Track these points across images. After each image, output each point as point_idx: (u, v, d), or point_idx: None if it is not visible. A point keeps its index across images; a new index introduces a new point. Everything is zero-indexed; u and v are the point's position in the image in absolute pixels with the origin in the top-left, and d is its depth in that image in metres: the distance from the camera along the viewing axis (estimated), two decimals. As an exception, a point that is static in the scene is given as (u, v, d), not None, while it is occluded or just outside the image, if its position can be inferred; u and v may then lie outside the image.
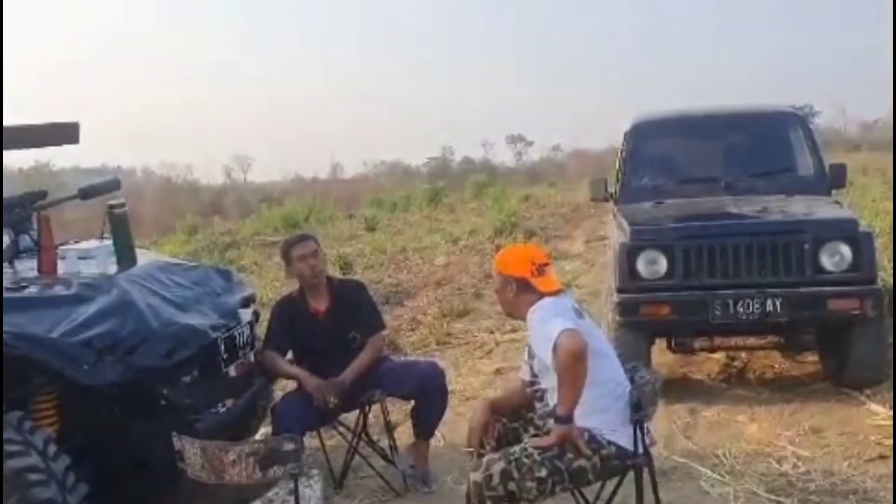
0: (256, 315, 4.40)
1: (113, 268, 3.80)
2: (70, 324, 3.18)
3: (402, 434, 4.46)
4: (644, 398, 2.97)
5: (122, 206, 3.96)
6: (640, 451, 2.94)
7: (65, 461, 2.96)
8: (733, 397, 5.31)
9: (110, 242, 3.95)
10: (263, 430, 4.35)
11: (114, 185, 4.29)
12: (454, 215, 21.20)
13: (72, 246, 4.08)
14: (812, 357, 5.82)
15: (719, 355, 5.93)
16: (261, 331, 4.35)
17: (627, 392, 2.98)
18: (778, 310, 4.98)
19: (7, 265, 3.79)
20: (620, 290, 5.22)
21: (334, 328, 4.17)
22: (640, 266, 5.17)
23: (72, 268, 3.75)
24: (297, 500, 2.78)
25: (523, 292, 3.06)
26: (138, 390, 3.26)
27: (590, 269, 10.72)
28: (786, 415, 4.91)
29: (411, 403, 4.21)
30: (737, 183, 6.00)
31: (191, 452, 2.77)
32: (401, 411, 4.73)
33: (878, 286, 5.01)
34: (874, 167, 21.39)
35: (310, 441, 4.34)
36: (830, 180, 6.04)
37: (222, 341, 3.74)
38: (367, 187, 35.26)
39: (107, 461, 3.18)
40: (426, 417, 4.14)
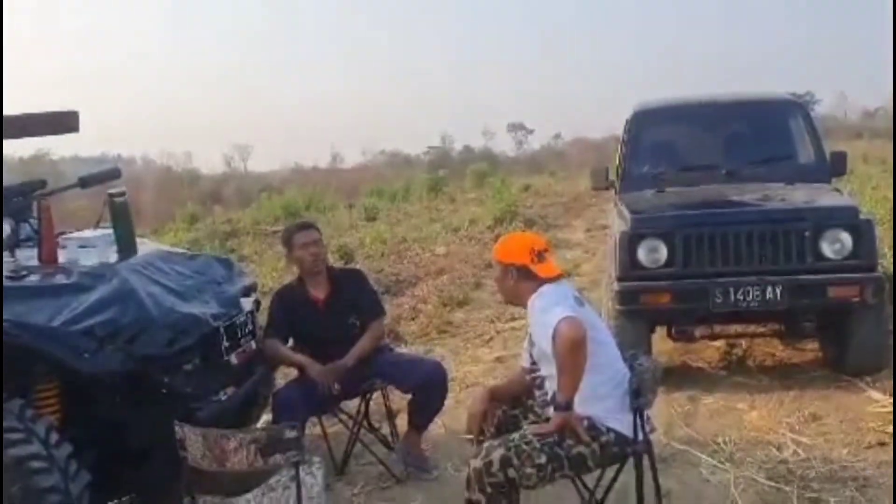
0: (257, 304, 4.41)
1: (113, 256, 3.79)
2: (71, 312, 3.18)
3: (404, 422, 4.46)
4: (644, 385, 2.97)
5: (122, 194, 3.95)
6: (640, 438, 2.95)
7: (67, 449, 2.97)
8: (733, 385, 5.32)
9: (111, 231, 3.95)
10: (265, 418, 4.36)
11: (114, 173, 4.29)
12: (454, 205, 21.18)
13: (72, 235, 4.08)
14: (812, 344, 5.83)
15: (719, 343, 5.94)
16: (261, 319, 4.36)
17: (627, 379, 2.98)
18: (778, 297, 4.98)
19: (7, 254, 3.78)
20: (621, 279, 5.22)
21: (334, 316, 4.18)
22: (641, 254, 5.17)
23: (72, 256, 3.74)
24: (299, 487, 2.78)
25: (524, 279, 3.06)
26: (139, 378, 3.26)
27: (590, 258, 10.72)
28: (786, 402, 4.92)
29: (410, 394, 4.22)
30: (737, 171, 6.00)
31: (192, 440, 2.78)
32: (402, 399, 4.73)
33: (878, 273, 5.02)
34: (875, 155, 21.38)
35: (311, 428, 4.36)
36: (831, 168, 6.04)
37: (223, 330, 3.74)
38: (367, 177, 35.20)
39: (108, 449, 3.19)
40: (423, 412, 4.16)
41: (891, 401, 4.66)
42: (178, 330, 3.42)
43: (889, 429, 4.29)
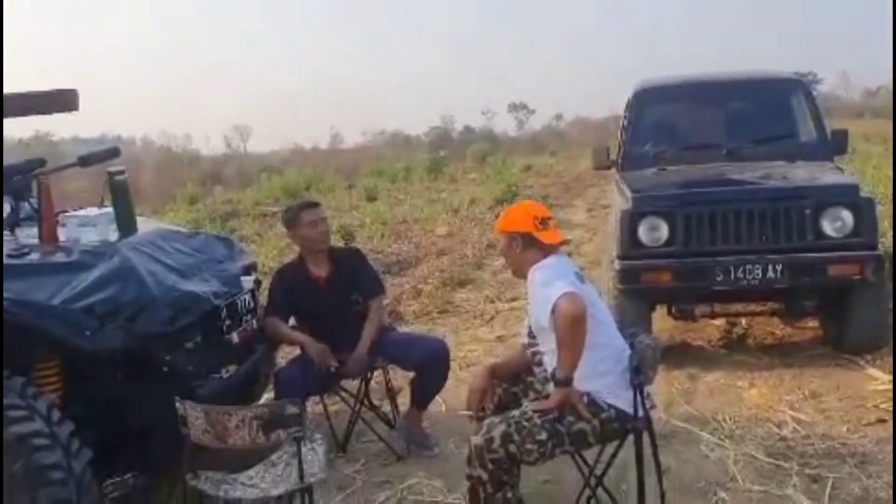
0: (258, 283, 4.41)
1: (114, 235, 3.78)
2: (71, 291, 3.17)
3: (405, 400, 4.47)
4: (644, 362, 2.98)
5: (122, 173, 3.94)
6: (640, 414, 2.95)
7: (69, 426, 2.97)
8: (733, 363, 5.33)
9: (111, 210, 3.94)
10: (266, 397, 4.37)
11: (113, 152, 4.28)
12: (455, 185, 21.15)
13: (72, 213, 4.07)
14: (812, 323, 5.84)
15: (720, 322, 5.95)
16: (262, 299, 4.36)
17: (626, 356, 2.99)
18: (779, 275, 4.98)
19: (8, 233, 3.78)
20: (622, 258, 5.22)
21: (336, 293, 4.20)
22: (642, 233, 5.17)
23: (72, 235, 3.73)
24: (301, 463, 2.79)
25: (528, 247, 3.05)
26: (140, 356, 3.27)
27: (592, 238, 10.72)
28: (786, 380, 4.93)
29: (412, 372, 4.24)
30: (739, 149, 5.98)
31: (194, 417, 2.79)
32: (403, 378, 4.75)
33: (879, 251, 5.01)
34: (877, 134, 21.30)
35: (313, 406, 4.38)
36: (832, 146, 6.02)
37: (224, 308, 3.74)
38: (368, 157, 35.08)
39: (110, 426, 3.20)
40: (424, 389, 4.18)
41: (890, 378, 4.68)
42: (178, 308, 3.42)
43: (888, 406, 4.30)
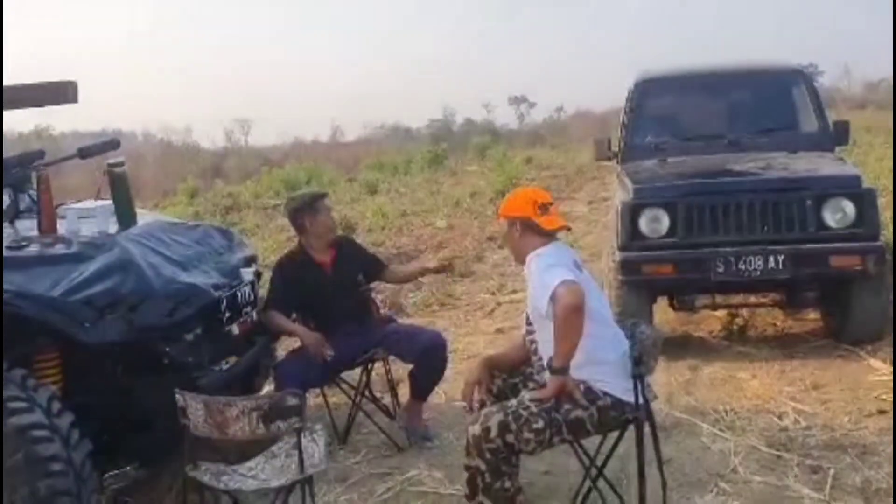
0: (258, 274, 4.40)
1: (113, 227, 3.78)
2: (71, 282, 3.17)
3: (405, 392, 4.48)
4: (645, 353, 2.97)
5: (121, 164, 3.92)
6: (640, 404, 2.94)
7: (68, 418, 2.97)
8: (734, 354, 5.33)
9: (110, 202, 3.93)
10: (267, 389, 4.37)
11: (112, 144, 4.28)
12: (455, 178, 21.12)
13: (72, 205, 4.07)
14: (813, 314, 5.84)
15: (721, 313, 5.94)
16: (263, 292, 4.36)
17: (624, 345, 2.98)
18: (780, 266, 4.97)
19: (7, 225, 3.77)
20: (623, 249, 5.21)
21: (341, 275, 4.26)
22: (643, 224, 5.16)
23: (72, 227, 3.73)
24: (301, 455, 2.79)
25: (528, 233, 3.04)
26: (140, 348, 3.27)
27: (592, 230, 10.71)
28: (787, 371, 4.93)
29: (412, 364, 4.24)
30: (740, 140, 5.97)
31: (194, 408, 2.79)
32: (403, 370, 4.75)
33: (880, 243, 5.00)
34: (878, 126, 21.22)
35: (313, 398, 4.38)
36: (834, 137, 6.00)
37: (224, 300, 3.73)
38: (368, 150, 35.01)
39: (110, 418, 3.20)
40: (423, 381, 4.19)
41: (891, 369, 4.67)
42: (178, 300, 3.41)
43: (889, 397, 4.30)
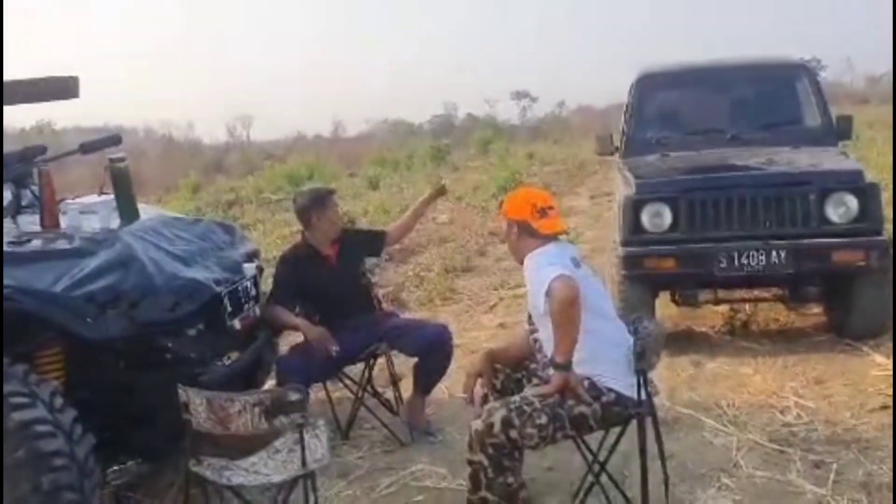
0: (261, 269, 4.40)
1: (115, 222, 3.78)
2: (73, 278, 3.17)
3: (407, 387, 4.48)
4: (647, 348, 2.97)
5: (122, 160, 3.92)
6: (643, 399, 2.94)
7: (71, 413, 2.97)
8: (737, 349, 5.32)
9: (112, 197, 3.93)
10: (269, 384, 4.37)
11: (114, 140, 4.28)
12: (457, 173, 21.11)
13: (74, 201, 4.06)
14: (816, 309, 5.82)
15: (723, 308, 5.92)
16: (265, 287, 4.36)
17: (627, 341, 2.98)
18: (783, 261, 4.96)
19: (9, 220, 3.77)
20: (625, 244, 5.21)
21: (346, 266, 4.28)
22: (645, 219, 5.15)
23: (74, 222, 3.73)
24: (304, 450, 2.79)
25: (525, 236, 3.05)
26: (143, 343, 3.27)
27: (594, 225, 10.71)
28: (789, 366, 4.92)
29: (415, 358, 4.24)
30: (743, 135, 5.96)
31: (196, 403, 2.78)
32: (405, 364, 4.75)
33: (883, 238, 4.99)
34: (881, 121, 21.16)
35: (315, 393, 4.38)
36: (837, 132, 5.98)
37: (226, 295, 3.73)
38: (370, 146, 35.02)
39: (113, 413, 3.20)
40: (427, 376, 4.19)
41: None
42: (180, 295, 3.41)
43: (892, 391, 4.29)
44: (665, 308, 5.76)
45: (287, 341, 4.79)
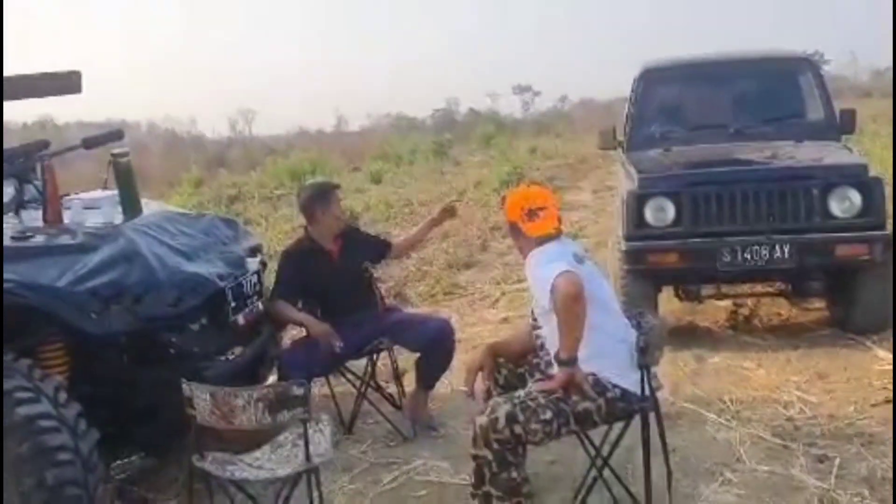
0: (264, 264, 4.41)
1: (118, 217, 3.79)
2: (76, 273, 3.17)
3: (410, 381, 4.48)
4: (650, 343, 2.96)
5: (125, 155, 3.93)
6: (647, 394, 2.94)
7: (75, 408, 2.98)
8: (740, 344, 5.32)
9: (115, 192, 3.93)
10: (272, 379, 4.38)
11: (117, 135, 4.28)
12: (460, 168, 21.09)
13: (77, 196, 4.07)
14: (819, 304, 5.81)
15: (726, 303, 5.93)
16: (268, 281, 4.36)
17: (631, 337, 2.98)
18: (786, 256, 4.96)
19: (12, 215, 3.78)
20: (628, 239, 5.20)
21: (349, 261, 4.28)
22: (648, 214, 5.15)
23: (77, 217, 3.74)
24: (307, 444, 2.80)
25: (517, 236, 3.08)
26: (146, 338, 3.28)
27: (597, 219, 10.70)
28: (792, 361, 4.92)
29: (418, 353, 4.24)
30: (746, 129, 5.95)
31: (200, 398, 2.79)
32: (408, 359, 4.76)
33: (886, 232, 4.99)
34: (884, 115, 21.11)
35: (318, 388, 4.39)
36: (840, 126, 5.97)
37: (230, 290, 3.74)
38: (372, 140, 34.95)
39: (117, 408, 3.21)
40: (429, 370, 4.20)
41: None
42: (183, 290, 3.41)
43: (895, 386, 4.29)
44: (668, 303, 5.75)
45: (290, 336, 4.80)
